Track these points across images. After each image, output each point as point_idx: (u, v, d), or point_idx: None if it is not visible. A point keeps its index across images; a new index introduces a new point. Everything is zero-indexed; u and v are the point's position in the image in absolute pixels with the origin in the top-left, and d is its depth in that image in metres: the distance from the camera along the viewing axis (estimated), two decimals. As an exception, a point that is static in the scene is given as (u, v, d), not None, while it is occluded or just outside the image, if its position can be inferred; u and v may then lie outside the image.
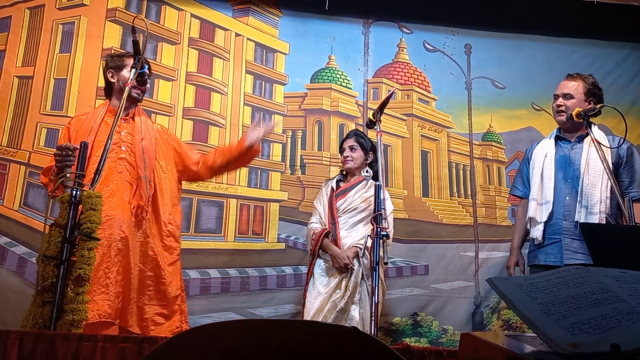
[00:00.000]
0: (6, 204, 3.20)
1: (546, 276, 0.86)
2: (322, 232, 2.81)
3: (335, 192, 2.94)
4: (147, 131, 2.49)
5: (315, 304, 2.68)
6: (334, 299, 2.67)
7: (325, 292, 2.70)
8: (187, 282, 3.25)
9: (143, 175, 2.38)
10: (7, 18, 3.45)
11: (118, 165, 2.36)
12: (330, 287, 2.70)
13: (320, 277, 2.77)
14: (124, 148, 2.40)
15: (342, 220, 2.85)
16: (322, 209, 2.93)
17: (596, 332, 0.70)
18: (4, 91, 3.34)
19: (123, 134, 2.42)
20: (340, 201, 2.89)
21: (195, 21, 3.75)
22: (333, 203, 2.89)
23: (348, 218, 2.85)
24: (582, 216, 2.41)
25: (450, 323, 3.52)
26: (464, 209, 3.80)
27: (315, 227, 2.88)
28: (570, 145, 2.60)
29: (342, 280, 2.71)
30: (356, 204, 2.85)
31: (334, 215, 2.86)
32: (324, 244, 2.80)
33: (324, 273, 2.79)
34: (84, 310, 1.71)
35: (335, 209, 2.87)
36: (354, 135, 3.00)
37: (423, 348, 1.41)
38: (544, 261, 2.51)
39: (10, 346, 1.30)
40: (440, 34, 4.05)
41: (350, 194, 2.90)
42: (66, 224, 1.72)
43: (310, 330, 0.85)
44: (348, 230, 2.82)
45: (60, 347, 1.32)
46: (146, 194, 2.37)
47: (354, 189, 2.91)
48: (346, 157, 2.95)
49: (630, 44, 4.13)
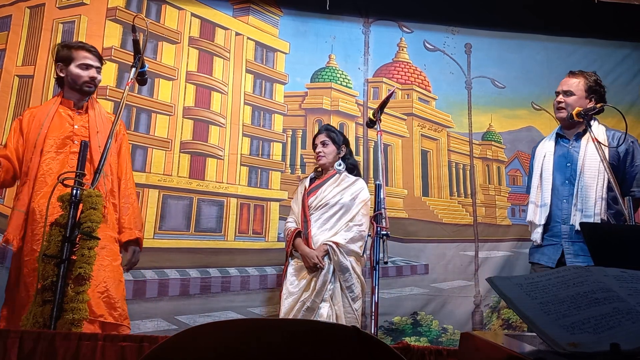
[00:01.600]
0: (6, 203, 3.20)
1: (546, 275, 0.86)
2: (294, 232, 2.80)
3: (307, 190, 2.91)
4: (102, 124, 2.42)
5: (286, 305, 2.69)
6: (303, 299, 2.67)
7: (296, 293, 2.70)
8: (187, 281, 3.25)
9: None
10: (7, 17, 3.45)
11: (70, 160, 2.31)
12: (301, 287, 2.70)
13: (291, 277, 2.76)
14: (77, 142, 2.32)
15: (314, 217, 2.81)
16: (297, 207, 2.91)
17: (596, 332, 0.71)
18: (5, 90, 3.34)
19: (76, 127, 2.37)
20: (312, 198, 2.86)
21: (196, 20, 3.75)
22: (305, 201, 2.87)
23: (321, 214, 2.81)
24: (577, 219, 2.40)
25: (450, 322, 3.52)
26: (464, 209, 3.80)
27: (290, 227, 2.88)
28: (569, 143, 2.59)
29: (311, 280, 2.70)
30: (327, 199, 2.82)
31: (305, 213, 2.84)
32: (295, 244, 2.78)
33: (295, 273, 2.77)
34: (84, 309, 1.71)
35: (307, 207, 2.85)
36: (325, 130, 2.97)
37: (423, 347, 1.41)
38: (537, 260, 2.53)
39: (11, 345, 1.30)
40: (441, 33, 4.05)
41: (321, 189, 2.87)
42: (66, 223, 1.73)
43: (310, 329, 0.85)
44: (320, 228, 2.79)
45: (60, 346, 1.32)
46: (104, 188, 2.32)
47: (325, 184, 2.88)
48: (318, 153, 2.92)
49: (631, 44, 4.13)
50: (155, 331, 3.08)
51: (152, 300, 3.11)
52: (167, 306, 3.19)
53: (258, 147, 3.65)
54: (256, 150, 3.64)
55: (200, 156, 3.52)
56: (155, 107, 3.51)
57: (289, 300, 2.70)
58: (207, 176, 3.49)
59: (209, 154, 3.54)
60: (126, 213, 2.44)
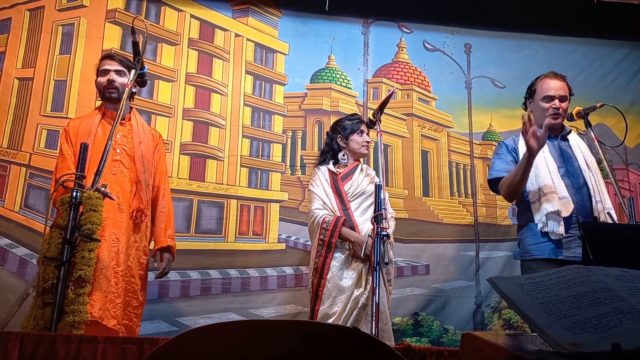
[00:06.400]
0: (7, 205, 3.20)
1: (547, 275, 0.86)
2: (340, 221, 2.54)
3: (340, 175, 2.71)
4: (144, 134, 2.49)
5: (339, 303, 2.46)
6: (356, 295, 2.47)
7: (348, 289, 2.48)
8: (188, 283, 3.25)
9: (143, 179, 2.38)
10: (7, 20, 3.46)
11: (112, 167, 2.35)
12: (352, 283, 2.49)
13: (338, 272, 2.51)
14: (119, 150, 2.39)
15: (354, 206, 2.63)
16: (324, 194, 2.67)
17: (597, 331, 0.70)
18: (4, 93, 3.34)
19: (118, 137, 2.41)
20: (348, 184, 2.68)
21: (195, 22, 3.75)
22: (340, 187, 2.67)
23: (360, 203, 2.66)
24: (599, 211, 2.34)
25: (451, 323, 3.51)
26: (465, 209, 3.80)
27: (324, 214, 2.59)
28: (557, 141, 2.57)
29: (361, 274, 2.51)
30: (363, 188, 2.68)
31: (344, 200, 2.63)
32: (344, 233, 2.53)
33: (342, 267, 2.53)
34: (85, 312, 1.72)
35: (344, 193, 2.66)
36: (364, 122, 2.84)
37: (424, 348, 1.41)
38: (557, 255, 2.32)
39: (11, 348, 1.30)
40: (440, 33, 4.06)
41: (354, 176, 2.72)
42: (67, 225, 1.73)
43: (310, 330, 0.85)
44: (361, 217, 2.62)
45: (61, 348, 1.32)
46: (146, 197, 2.38)
47: (355, 172, 2.75)
48: (368, 142, 2.80)
49: (630, 43, 4.13)
50: (155, 333, 3.07)
51: (153, 302, 3.10)
52: (167, 308, 3.19)
53: (258, 148, 3.65)
54: (256, 151, 3.64)
55: (200, 157, 3.52)
56: (155, 108, 3.51)
57: (341, 298, 2.46)
58: (207, 177, 3.49)
59: (209, 155, 3.54)
60: (162, 220, 2.49)
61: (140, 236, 2.38)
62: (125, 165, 2.39)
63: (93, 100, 3.39)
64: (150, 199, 2.43)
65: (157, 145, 2.58)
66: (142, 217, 2.36)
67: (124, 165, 2.39)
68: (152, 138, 2.56)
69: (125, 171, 2.38)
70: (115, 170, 2.35)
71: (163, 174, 2.59)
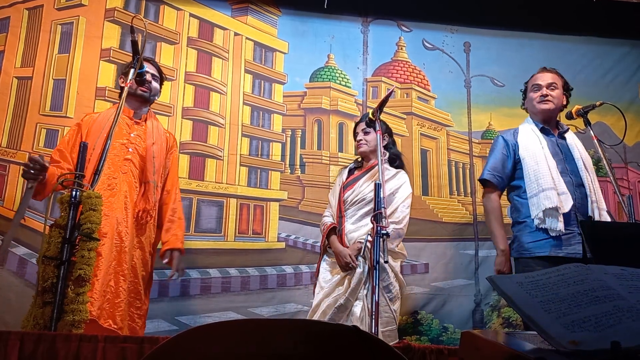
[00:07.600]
0: (6, 204, 3.20)
1: (546, 274, 0.86)
2: (329, 227, 2.71)
3: (345, 183, 2.80)
4: (158, 136, 2.50)
5: (316, 300, 2.61)
6: (335, 295, 2.55)
7: (327, 288, 2.59)
8: (188, 282, 3.25)
9: (152, 180, 2.38)
10: (5, 19, 3.45)
11: (123, 165, 2.36)
12: (333, 283, 2.59)
13: (324, 273, 2.68)
14: (131, 149, 2.40)
15: (349, 213, 2.70)
16: (334, 201, 2.81)
17: (596, 330, 0.71)
18: (3, 92, 3.34)
19: (132, 136, 2.42)
20: (348, 192, 2.74)
21: (194, 21, 3.74)
22: (341, 195, 2.77)
23: (357, 210, 2.69)
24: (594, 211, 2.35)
25: (450, 321, 3.52)
26: (464, 207, 3.80)
27: (326, 222, 2.78)
28: (555, 139, 2.57)
29: (345, 277, 2.58)
30: (364, 194, 2.69)
31: (340, 209, 2.73)
32: (330, 241, 2.69)
33: (329, 268, 2.68)
34: (85, 311, 1.71)
35: (343, 202, 2.74)
36: (367, 118, 2.81)
37: (424, 346, 1.41)
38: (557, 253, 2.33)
39: (11, 347, 1.30)
40: (440, 32, 4.05)
41: (358, 183, 2.75)
42: (66, 225, 1.72)
43: (311, 329, 0.85)
44: (355, 224, 2.67)
45: (61, 347, 1.32)
46: (153, 198, 2.37)
47: (363, 177, 2.76)
48: (359, 141, 2.82)
49: (630, 41, 4.13)
50: (155, 332, 3.07)
51: (153, 301, 3.10)
52: (167, 307, 3.19)
53: (257, 147, 3.64)
54: (255, 150, 3.63)
55: (199, 157, 3.52)
56: (154, 107, 3.49)
57: (319, 295, 2.59)
58: (206, 177, 3.49)
59: (208, 155, 3.54)
60: (178, 226, 2.53)
61: (146, 237, 2.38)
62: (135, 165, 2.39)
63: (92, 100, 3.39)
64: (157, 200, 2.43)
65: (171, 148, 2.59)
66: (147, 217, 2.36)
67: (135, 165, 2.39)
68: (165, 140, 2.56)
69: (135, 171, 2.38)
70: (125, 169, 2.36)
71: (175, 177, 2.60)
